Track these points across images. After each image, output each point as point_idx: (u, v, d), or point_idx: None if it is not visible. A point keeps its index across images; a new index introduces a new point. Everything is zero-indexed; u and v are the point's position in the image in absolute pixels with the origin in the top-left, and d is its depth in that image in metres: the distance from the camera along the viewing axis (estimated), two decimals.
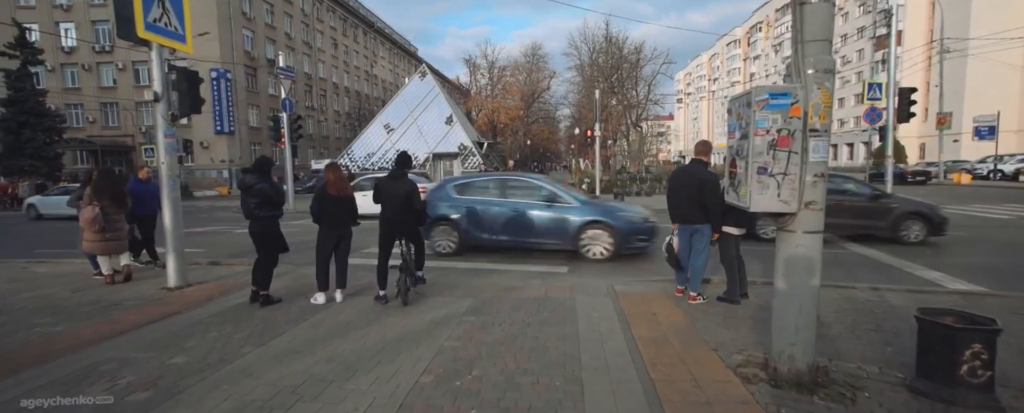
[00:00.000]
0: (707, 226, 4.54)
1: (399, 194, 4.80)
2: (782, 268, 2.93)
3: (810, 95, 2.71)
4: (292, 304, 4.94)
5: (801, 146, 2.74)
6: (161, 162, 5.47)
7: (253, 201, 4.69)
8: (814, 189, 2.79)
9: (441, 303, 4.92)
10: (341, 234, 4.96)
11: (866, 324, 4.06)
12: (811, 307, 2.88)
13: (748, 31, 78.26)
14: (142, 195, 6.68)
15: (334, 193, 4.85)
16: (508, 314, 4.50)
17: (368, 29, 57.02)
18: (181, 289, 5.55)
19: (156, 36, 5.19)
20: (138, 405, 2.84)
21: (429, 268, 6.85)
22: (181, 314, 4.65)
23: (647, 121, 42.24)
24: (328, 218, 4.90)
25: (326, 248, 4.92)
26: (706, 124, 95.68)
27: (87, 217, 5.66)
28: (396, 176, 4.90)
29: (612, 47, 33.57)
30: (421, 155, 24.59)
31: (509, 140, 46.57)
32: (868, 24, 50.01)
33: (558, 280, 6.12)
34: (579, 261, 7.44)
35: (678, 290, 5.00)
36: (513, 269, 6.93)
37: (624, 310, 4.56)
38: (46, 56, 34.52)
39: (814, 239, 2.84)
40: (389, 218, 4.87)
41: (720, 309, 4.55)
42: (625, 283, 5.70)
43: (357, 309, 4.74)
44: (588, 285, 5.63)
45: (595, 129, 16.41)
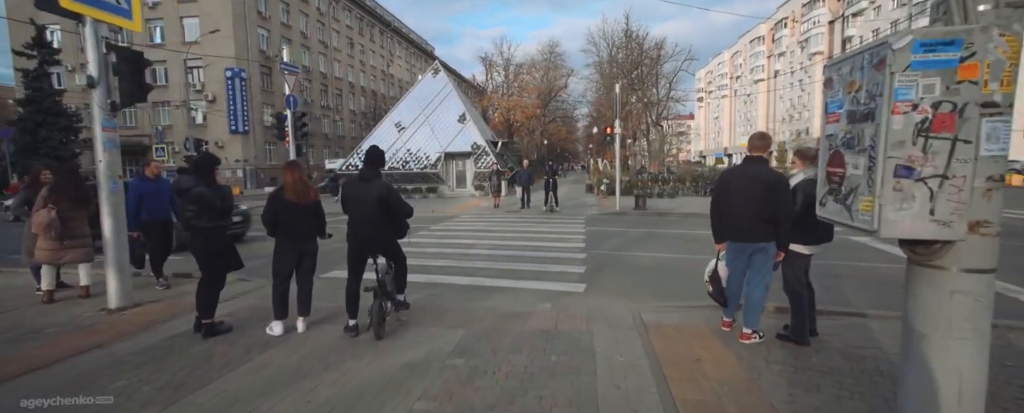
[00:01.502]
0: (772, 245, 3.44)
1: (370, 199, 3.81)
2: (921, 325, 1.86)
3: (988, 45, 1.63)
4: (244, 334, 4.01)
5: (971, 131, 1.66)
6: (99, 160, 4.61)
7: (191, 209, 3.77)
8: (987, 202, 1.71)
9: (424, 337, 3.94)
10: (302, 249, 4.01)
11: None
12: (977, 394, 1.79)
13: (773, 27, 75.60)
14: (150, 196, 5.58)
15: (293, 198, 3.90)
16: (506, 357, 3.48)
17: (385, 28, 56.65)
18: (123, 311, 4.68)
19: (88, 8, 4.33)
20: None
21: (420, 284, 5.91)
22: (102, 349, 3.75)
23: (667, 120, 40.68)
24: (286, 229, 3.96)
25: (284, 267, 3.98)
26: (728, 123, 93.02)
27: (41, 222, 4.83)
28: (366, 177, 3.90)
29: (632, 43, 32.22)
30: (433, 155, 23.68)
31: (526, 139, 45.45)
32: (903, 17, 47.46)
33: (573, 303, 5.07)
34: (599, 276, 6.39)
35: (725, 323, 3.91)
36: (521, 286, 5.90)
37: (657, 352, 3.51)
38: (66, 56, 34.92)
39: (983, 283, 1.76)
40: (358, 230, 3.90)
41: (786, 354, 3.46)
42: (655, 309, 4.63)
43: (317, 345, 3.78)
44: (609, 311, 4.58)
45: (615, 126, 15.23)
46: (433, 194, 23.43)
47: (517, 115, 41.80)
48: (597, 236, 9.92)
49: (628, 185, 19.32)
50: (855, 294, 5.25)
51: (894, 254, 7.31)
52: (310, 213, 3.99)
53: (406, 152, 24.02)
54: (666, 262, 7.31)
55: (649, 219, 13.26)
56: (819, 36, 62.24)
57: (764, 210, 3.38)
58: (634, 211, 14.67)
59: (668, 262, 7.32)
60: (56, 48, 29.73)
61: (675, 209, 15.05)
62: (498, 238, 9.74)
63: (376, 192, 3.80)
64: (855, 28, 55.39)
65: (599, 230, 10.87)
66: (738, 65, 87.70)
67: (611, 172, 23.63)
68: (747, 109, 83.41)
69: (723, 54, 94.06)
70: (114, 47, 4.52)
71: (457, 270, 6.81)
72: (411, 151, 24.02)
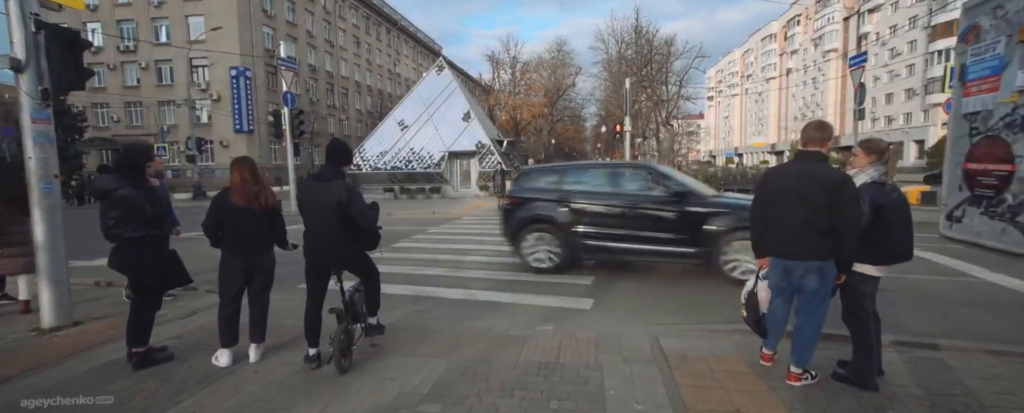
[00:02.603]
0: (831, 264, 2.70)
1: (327, 204, 3.12)
2: None
3: None
4: (184, 365, 3.35)
5: None
6: (29, 157, 3.98)
7: (112, 215, 3.10)
8: None
9: (397, 369, 3.25)
10: (253, 263, 3.34)
11: None
12: None
13: (785, 25, 74.13)
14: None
15: (241, 202, 3.22)
16: (494, 402, 2.78)
17: (392, 27, 56.24)
18: (58, 331, 4.04)
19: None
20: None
21: (404, 297, 5.24)
22: (8, 384, 3.12)
23: (677, 119, 39.75)
24: (233, 239, 3.29)
25: (231, 284, 3.31)
26: (738, 122, 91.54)
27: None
28: (324, 176, 3.19)
29: (641, 40, 31.38)
30: (436, 154, 23.02)
31: (533, 139, 44.71)
32: (923, 13, 46.04)
33: (579, 323, 4.36)
34: (608, 286, 5.67)
35: (765, 356, 3.16)
36: (519, 301, 5.19)
37: (684, 398, 2.79)
38: None
39: None
40: (315, 242, 3.22)
41: (851, 404, 2.71)
42: (677, 332, 3.90)
43: (266, 381, 3.11)
44: (622, 334, 3.86)
45: (625, 123, 14.48)
46: (437, 194, 22.80)
47: (524, 114, 41.09)
48: None
49: None
50: (911, 316, 4.46)
51: (940, 264, 6.49)
52: (262, 220, 3.31)
53: (409, 151, 23.41)
54: (682, 269, 6.56)
55: None
56: (834, 33, 60.77)
57: (822, 219, 2.63)
58: None
59: (684, 269, 6.57)
60: None
61: None
62: (499, 243, 9.01)
63: (335, 195, 3.11)
64: (871, 24, 53.91)
65: None
66: (749, 63, 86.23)
67: None
68: (758, 108, 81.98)
69: (734, 52, 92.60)
70: (45, 24, 3.88)
71: (449, 281, 6.12)
72: (414, 150, 23.41)
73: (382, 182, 23.18)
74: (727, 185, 20.08)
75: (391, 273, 6.56)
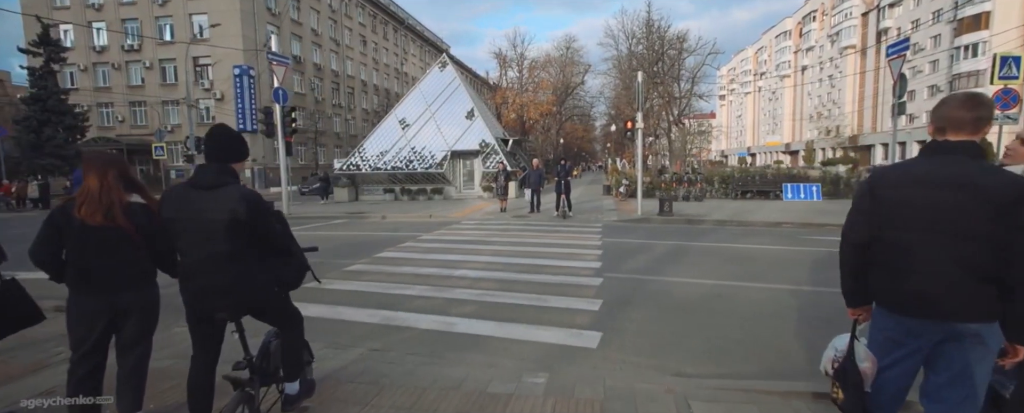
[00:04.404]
0: (994, 327, 1.65)
1: (214, 222, 2.10)
2: None
3: None
4: None
5: None
6: None
7: None
8: None
9: None
10: (113, 303, 2.35)
11: None
12: None
13: (801, 21, 72.19)
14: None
15: (94, 220, 2.25)
16: None
17: (399, 26, 55.59)
18: None
19: None
20: None
21: (365, 328, 3.99)
22: None
23: (689, 118, 38.46)
24: (82, 273, 2.31)
25: (83, 335, 2.32)
26: (751, 121, 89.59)
27: None
28: (205, 182, 2.16)
29: (653, 35, 30.20)
30: (438, 153, 22.06)
31: (541, 138, 43.64)
32: (947, 7, 44.19)
33: (581, 371, 3.33)
34: (620, 316, 4.62)
35: None
36: (509, 335, 4.16)
37: None
38: (79, 56, 34.71)
39: None
40: (196, 279, 2.19)
41: None
42: (712, 393, 2.86)
43: None
44: (639, 394, 2.84)
45: (637, 120, 13.39)
46: (438, 195, 21.85)
47: (531, 112, 40.02)
48: (616, 251, 8.13)
49: (649, 186, 17.42)
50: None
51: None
52: (125, 239, 2.32)
53: (410, 150, 22.47)
54: (710, 292, 5.51)
55: (677, 228, 11.39)
56: (851, 29, 58.83)
57: (983, 256, 1.59)
58: (658, 217, 12.81)
59: (713, 291, 5.52)
60: (61, 46, 29.12)
61: (706, 215, 13.13)
62: (494, 254, 8.04)
63: (227, 209, 2.10)
64: (891, 20, 51.99)
65: (618, 243, 9.06)
66: (763, 61, 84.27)
67: (631, 172, 21.73)
68: (772, 106, 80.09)
69: (747, 50, 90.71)
70: None
71: (428, 304, 5.11)
72: (415, 149, 22.46)
73: (382, 182, 22.29)
74: (745, 186, 18.91)
75: (358, 292, 5.61)
